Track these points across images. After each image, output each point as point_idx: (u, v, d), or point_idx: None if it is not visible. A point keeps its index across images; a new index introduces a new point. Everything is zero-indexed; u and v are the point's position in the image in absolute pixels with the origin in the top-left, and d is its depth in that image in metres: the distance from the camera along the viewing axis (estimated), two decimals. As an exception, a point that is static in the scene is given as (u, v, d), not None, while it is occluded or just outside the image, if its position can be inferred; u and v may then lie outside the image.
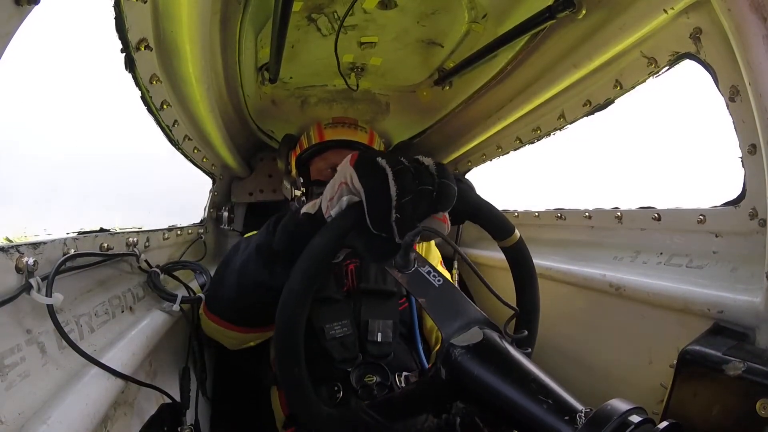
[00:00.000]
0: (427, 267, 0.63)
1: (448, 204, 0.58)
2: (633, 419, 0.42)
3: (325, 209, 0.62)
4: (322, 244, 0.56)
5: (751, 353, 0.67)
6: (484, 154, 1.64)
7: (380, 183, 0.54)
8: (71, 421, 0.50)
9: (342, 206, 0.59)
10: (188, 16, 0.72)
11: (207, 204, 1.57)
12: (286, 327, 0.55)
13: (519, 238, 0.72)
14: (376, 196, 0.55)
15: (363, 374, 1.01)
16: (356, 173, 0.56)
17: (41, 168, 2.01)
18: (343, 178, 0.59)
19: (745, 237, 0.79)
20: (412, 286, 0.61)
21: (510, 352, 0.54)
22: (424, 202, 0.56)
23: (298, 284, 0.55)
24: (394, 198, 0.54)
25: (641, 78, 0.92)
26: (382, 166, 0.55)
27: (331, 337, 1.04)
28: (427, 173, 0.57)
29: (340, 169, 0.60)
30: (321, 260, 0.56)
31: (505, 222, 0.72)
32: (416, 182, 0.55)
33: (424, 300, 0.60)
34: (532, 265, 0.74)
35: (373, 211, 0.55)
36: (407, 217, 0.55)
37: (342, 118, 1.40)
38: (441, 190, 0.57)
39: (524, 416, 0.49)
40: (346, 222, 0.57)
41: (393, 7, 1.09)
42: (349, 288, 1.13)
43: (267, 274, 0.75)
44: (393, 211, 0.54)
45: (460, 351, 0.55)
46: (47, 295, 0.55)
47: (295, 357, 0.55)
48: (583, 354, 1.14)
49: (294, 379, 0.55)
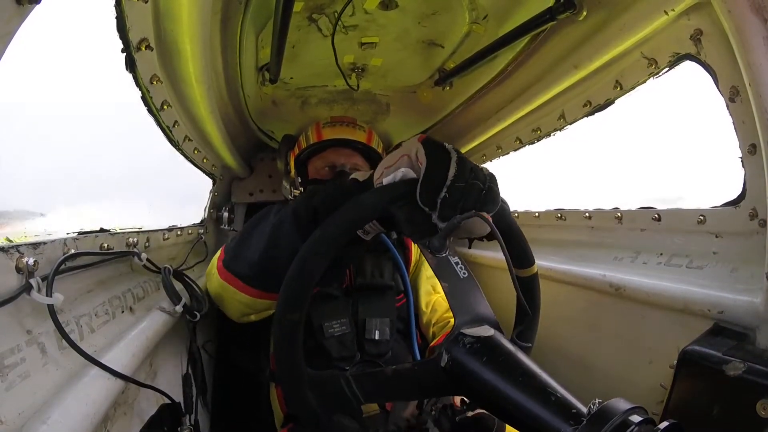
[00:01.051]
0: (457, 258, 0.64)
1: (493, 206, 0.60)
2: (633, 419, 0.42)
3: (378, 175, 0.63)
4: (370, 199, 0.57)
5: (751, 353, 0.67)
6: (484, 155, 1.64)
7: (442, 161, 0.56)
8: (71, 421, 0.50)
9: (396, 177, 0.60)
10: (189, 16, 0.72)
11: (207, 204, 1.57)
12: (303, 267, 0.54)
13: (536, 272, 0.75)
14: (434, 170, 0.56)
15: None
16: (423, 148, 0.58)
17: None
18: (408, 151, 0.60)
19: (745, 237, 0.79)
20: (439, 270, 0.63)
21: (515, 353, 0.55)
22: (472, 195, 0.57)
23: (333, 228, 0.55)
24: (450, 178, 0.55)
25: (641, 79, 0.92)
26: (448, 149, 0.58)
27: (330, 335, 1.04)
28: (482, 173, 0.59)
29: (406, 144, 0.61)
30: (364, 214, 0.56)
31: (529, 253, 0.74)
32: (473, 174, 0.57)
33: (447, 285, 0.62)
34: (539, 300, 0.76)
35: (426, 183, 0.56)
36: (454, 200, 0.56)
37: (340, 117, 1.39)
38: (489, 192, 0.59)
39: (525, 415, 0.49)
40: (397, 191, 0.58)
41: (394, 8, 1.09)
42: (347, 285, 1.13)
43: (301, 239, 0.72)
44: (444, 189, 0.55)
45: (469, 340, 0.55)
46: (47, 295, 0.55)
47: (300, 304, 0.54)
48: (583, 354, 1.14)
49: (290, 326, 0.54)
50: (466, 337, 0.56)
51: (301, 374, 0.56)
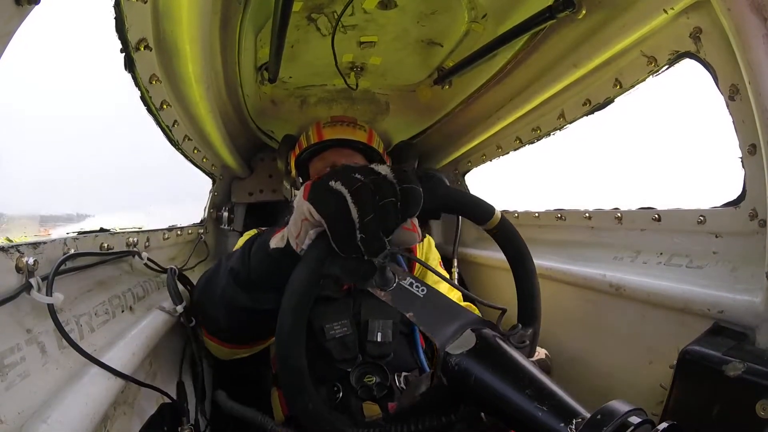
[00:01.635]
0: (409, 279, 0.62)
1: (414, 210, 0.57)
2: (633, 420, 0.42)
3: (295, 246, 0.62)
4: (301, 280, 0.56)
5: (751, 353, 0.67)
6: (484, 154, 1.64)
7: (339, 208, 0.53)
8: (71, 420, 0.50)
9: (311, 238, 0.58)
10: (188, 16, 0.72)
11: (207, 204, 1.57)
12: (288, 365, 0.55)
13: (501, 217, 0.70)
14: (337, 223, 0.54)
15: (363, 374, 1.01)
16: (313, 206, 0.55)
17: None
18: (303, 214, 0.58)
19: (745, 237, 0.79)
20: (398, 303, 0.60)
21: (506, 352, 0.54)
22: (389, 215, 0.55)
23: (288, 322, 0.55)
24: (357, 219, 0.53)
25: (641, 77, 0.92)
26: (338, 189, 0.54)
27: (331, 336, 1.04)
28: (387, 184, 0.55)
29: (297, 205, 0.59)
30: (305, 295, 0.56)
31: (483, 205, 0.70)
32: (377, 197, 0.54)
33: (412, 314, 0.59)
34: (523, 242, 0.72)
35: (337, 238, 0.54)
36: (373, 235, 0.54)
37: (341, 117, 1.38)
38: (405, 197, 0.55)
39: (523, 417, 0.49)
40: (318, 252, 0.57)
41: (393, 7, 1.09)
42: (348, 287, 1.13)
43: (251, 301, 0.75)
44: (357, 232, 0.53)
45: (456, 359, 0.55)
46: (47, 294, 0.55)
47: (303, 389, 0.55)
48: (582, 354, 1.14)
49: (307, 412, 0.55)
50: (452, 356, 0.56)
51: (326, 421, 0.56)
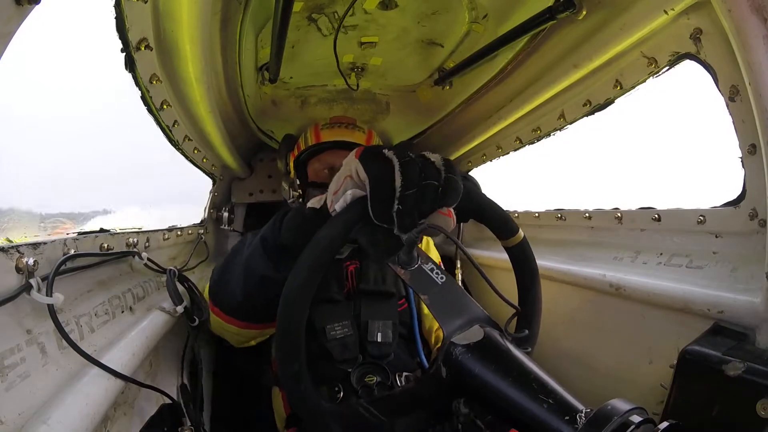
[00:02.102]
0: (431, 264, 0.63)
1: (453, 199, 0.57)
2: (633, 419, 0.42)
3: (330, 203, 0.61)
4: (326, 237, 0.56)
5: (751, 353, 0.67)
6: (484, 155, 1.64)
7: (386, 173, 0.54)
8: (71, 421, 0.50)
9: (347, 200, 0.58)
10: (188, 16, 0.72)
11: (207, 204, 1.57)
12: (288, 321, 0.54)
13: (523, 238, 0.71)
14: (380, 186, 0.54)
15: (363, 374, 1.01)
16: (362, 165, 0.55)
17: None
18: (349, 171, 0.58)
19: (745, 237, 0.79)
20: (415, 283, 0.61)
21: (511, 351, 0.54)
22: (428, 197, 0.55)
23: (301, 277, 0.54)
24: (399, 188, 0.53)
25: (641, 78, 0.92)
26: (389, 157, 0.55)
27: (332, 337, 1.04)
28: (434, 168, 0.56)
29: (345, 162, 0.59)
30: (325, 254, 0.55)
31: (510, 221, 0.71)
32: (422, 176, 0.54)
33: (426, 297, 0.60)
34: (535, 265, 0.73)
35: (375, 201, 0.54)
36: (409, 209, 0.54)
37: (339, 118, 1.38)
38: (447, 185, 0.56)
39: (525, 416, 0.49)
40: (350, 215, 0.57)
41: (393, 8, 1.09)
42: (349, 289, 1.13)
43: (272, 268, 0.74)
44: (396, 202, 0.53)
45: (461, 350, 0.55)
46: (47, 295, 0.55)
47: (296, 352, 0.55)
48: (583, 354, 1.14)
49: (294, 375, 0.55)
50: (457, 347, 0.55)
51: (321, 411, 0.56)
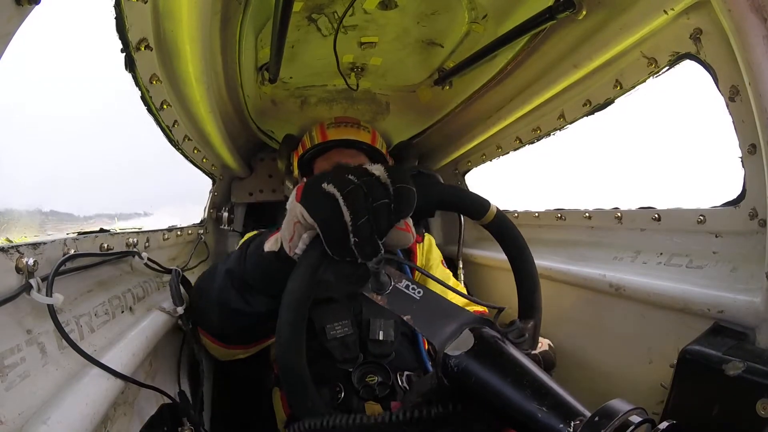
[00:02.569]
0: (404, 281, 0.61)
1: (407, 210, 0.56)
2: (633, 419, 0.42)
3: (288, 250, 0.61)
4: (297, 288, 0.55)
5: (751, 353, 0.67)
6: (484, 154, 1.64)
7: (331, 211, 0.53)
8: (71, 421, 0.50)
9: (305, 242, 0.58)
10: (188, 16, 0.72)
11: (207, 204, 1.57)
12: (290, 376, 0.55)
13: (497, 211, 0.70)
14: (329, 226, 0.53)
15: (364, 374, 1.01)
16: (305, 209, 0.55)
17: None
18: (295, 217, 0.57)
19: (745, 237, 0.79)
20: (395, 306, 0.60)
21: (505, 351, 0.54)
22: (382, 218, 0.54)
23: (285, 336, 0.55)
24: (349, 223, 0.52)
25: (641, 78, 0.92)
26: (330, 192, 0.53)
27: (332, 337, 1.04)
28: (379, 186, 0.54)
29: (289, 209, 0.58)
30: (302, 303, 0.56)
31: (478, 200, 0.70)
32: (369, 199, 0.53)
33: (409, 317, 0.58)
34: (520, 235, 0.72)
35: (330, 241, 0.54)
36: (367, 239, 0.53)
37: (344, 117, 1.39)
38: (399, 198, 0.55)
39: (524, 417, 0.49)
40: (312, 259, 0.56)
41: (393, 8, 1.09)
42: None
43: (243, 303, 0.75)
44: (351, 236, 0.53)
45: (456, 360, 0.55)
46: (47, 295, 0.55)
47: (306, 396, 0.55)
48: (583, 354, 1.14)
49: (309, 411, 0.55)
50: (451, 357, 0.55)
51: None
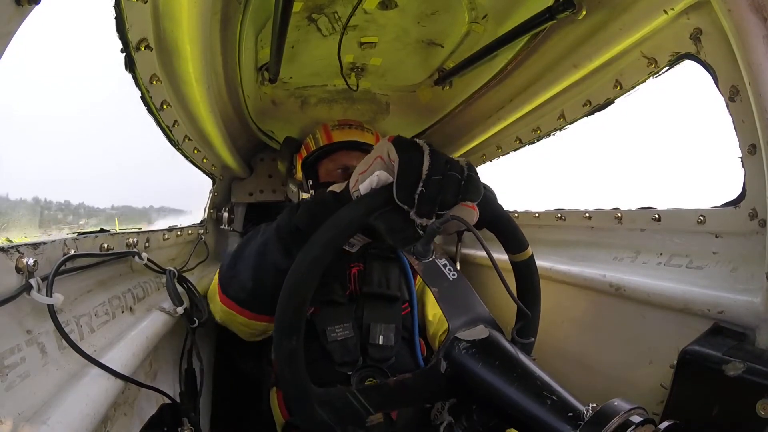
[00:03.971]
0: (444, 260, 0.64)
1: (475, 196, 0.59)
2: (634, 419, 0.42)
3: (353, 183, 0.63)
4: (346, 216, 0.56)
5: (751, 353, 0.67)
6: (484, 155, 1.64)
7: (415, 156, 0.56)
8: (71, 421, 0.50)
9: (372, 182, 0.59)
10: (188, 16, 0.72)
11: (207, 204, 1.56)
12: (292, 293, 0.54)
13: (531, 255, 0.73)
14: (408, 167, 0.55)
15: (364, 377, 1.01)
16: (394, 146, 0.57)
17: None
18: (380, 152, 0.60)
19: (745, 237, 0.79)
20: (427, 275, 0.62)
21: (513, 352, 0.54)
22: (451, 188, 0.56)
23: (314, 252, 0.54)
24: (425, 172, 0.54)
25: (641, 78, 0.92)
26: (420, 144, 0.57)
27: (333, 339, 1.04)
28: (458, 165, 0.58)
29: (377, 146, 0.61)
30: (342, 233, 0.55)
31: (521, 236, 0.72)
32: (448, 166, 0.56)
33: (437, 290, 0.61)
34: (539, 283, 0.74)
35: (401, 180, 0.56)
36: (431, 195, 0.55)
37: (348, 120, 1.40)
38: (469, 181, 0.58)
39: (525, 415, 0.49)
40: (374, 200, 0.57)
41: (393, 8, 1.09)
42: (351, 291, 1.13)
43: (285, 258, 0.73)
44: (420, 184, 0.55)
45: (465, 345, 0.55)
46: (47, 295, 0.55)
47: (296, 327, 0.54)
48: (583, 354, 1.14)
49: (290, 353, 0.54)
50: (462, 342, 0.56)
51: (307, 393, 0.56)
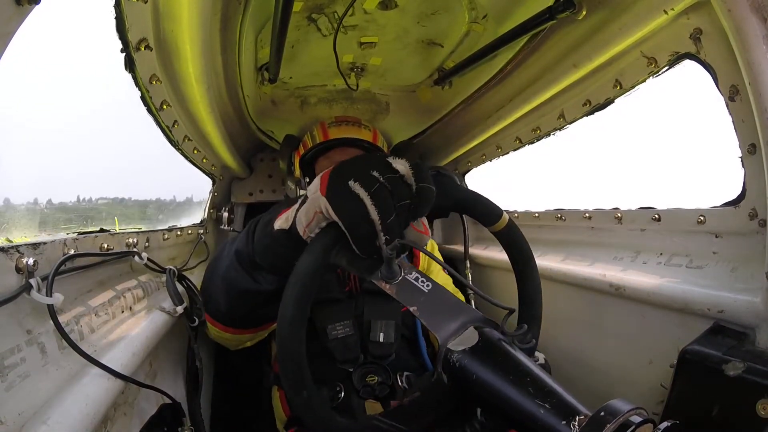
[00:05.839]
0: (414, 273, 0.61)
1: (426, 209, 0.56)
2: (633, 419, 0.42)
3: (302, 232, 0.61)
4: (307, 267, 0.55)
5: (751, 353, 0.67)
6: (483, 155, 1.64)
7: (359, 212, 0.52)
8: (71, 421, 0.50)
9: (321, 227, 0.58)
10: (188, 16, 0.72)
11: (207, 204, 1.57)
12: (288, 355, 0.54)
13: (509, 220, 0.71)
14: (358, 226, 0.53)
15: (365, 374, 1.01)
16: (331, 206, 0.54)
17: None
18: (317, 207, 0.56)
19: (745, 237, 0.79)
20: (402, 296, 0.60)
21: (508, 351, 0.54)
22: (407, 212, 0.54)
23: (290, 313, 0.54)
24: (378, 221, 0.52)
25: (641, 78, 0.92)
26: (356, 192, 0.52)
27: (333, 337, 1.04)
28: (403, 185, 0.54)
29: (312, 199, 0.57)
30: (309, 284, 0.55)
31: (492, 208, 0.71)
32: (396, 198, 0.53)
33: (416, 308, 0.59)
34: (527, 245, 0.73)
35: (359, 241, 0.54)
36: (394, 231, 0.53)
37: (345, 117, 1.40)
38: (420, 197, 0.55)
39: (524, 416, 0.49)
40: (327, 242, 0.56)
41: (393, 8, 1.09)
42: (351, 288, 1.13)
43: (252, 282, 0.75)
44: (381, 234, 0.52)
45: (458, 356, 0.55)
46: (47, 295, 0.55)
47: (303, 381, 0.54)
48: (583, 354, 1.14)
49: (305, 402, 0.55)
50: (453, 353, 0.55)
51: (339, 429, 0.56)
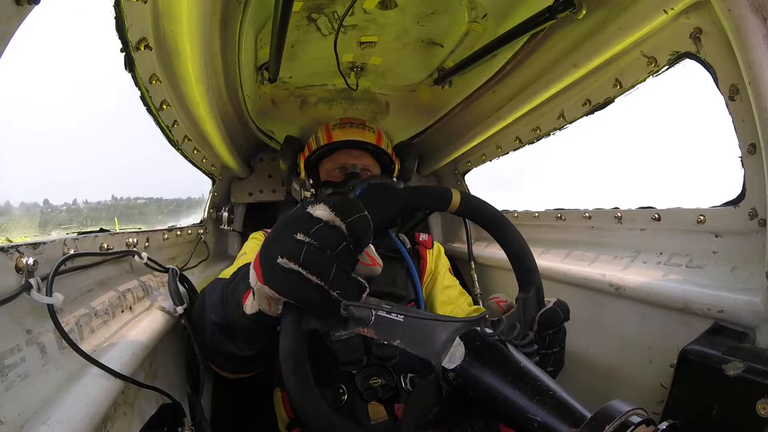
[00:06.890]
0: (382, 305, 0.60)
1: (367, 240, 0.55)
2: (633, 419, 0.42)
3: (271, 314, 0.60)
4: (289, 346, 0.55)
5: (751, 353, 0.67)
6: (483, 154, 1.64)
7: (301, 284, 0.51)
8: (71, 421, 0.50)
9: (280, 307, 0.57)
10: (188, 16, 0.72)
11: (207, 204, 1.57)
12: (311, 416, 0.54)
13: (461, 195, 0.70)
14: (307, 298, 0.52)
15: (368, 376, 1.00)
16: (274, 290, 0.53)
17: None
18: (266, 295, 0.56)
19: (744, 237, 0.79)
20: (381, 334, 0.58)
21: (499, 353, 0.55)
22: (345, 261, 0.53)
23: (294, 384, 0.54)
24: (323, 284, 0.51)
25: (641, 77, 0.92)
26: (290, 268, 0.51)
27: (336, 338, 1.03)
28: (331, 232, 0.52)
29: (257, 290, 0.57)
30: (298, 352, 0.55)
31: (438, 192, 0.69)
32: (331, 252, 0.51)
33: (399, 341, 0.58)
34: (493, 210, 0.71)
35: (315, 308, 0.53)
36: (346, 285, 0.53)
37: (350, 118, 1.40)
38: (353, 234, 0.53)
39: (524, 418, 0.49)
40: (293, 318, 0.56)
41: (393, 7, 1.09)
42: None
43: (234, 347, 0.74)
44: (331, 294, 0.52)
45: (453, 374, 0.55)
46: (47, 294, 0.55)
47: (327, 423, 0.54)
48: (583, 354, 1.14)
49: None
50: (449, 372, 0.56)
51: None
